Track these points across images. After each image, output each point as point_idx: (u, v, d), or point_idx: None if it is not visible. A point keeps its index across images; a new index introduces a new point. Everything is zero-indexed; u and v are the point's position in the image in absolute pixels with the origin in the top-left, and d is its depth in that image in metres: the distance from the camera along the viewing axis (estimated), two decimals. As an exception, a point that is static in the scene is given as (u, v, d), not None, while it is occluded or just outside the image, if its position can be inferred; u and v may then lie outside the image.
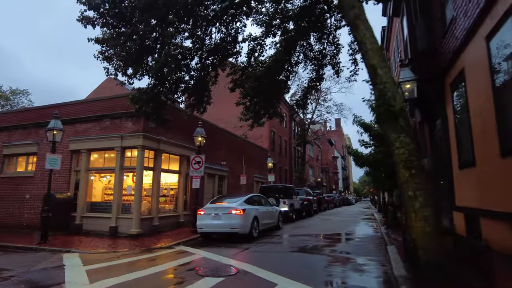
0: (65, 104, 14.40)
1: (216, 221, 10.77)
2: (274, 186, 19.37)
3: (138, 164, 12.23)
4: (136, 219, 11.77)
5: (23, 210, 14.19)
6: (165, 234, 12.46)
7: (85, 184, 13.17)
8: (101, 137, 12.93)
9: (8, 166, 15.46)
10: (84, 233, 12.49)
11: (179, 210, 14.70)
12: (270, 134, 29.59)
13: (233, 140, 21.50)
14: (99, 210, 12.97)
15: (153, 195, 13.08)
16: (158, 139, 13.10)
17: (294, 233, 13.05)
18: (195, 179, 13.08)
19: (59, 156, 11.16)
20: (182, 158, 15.15)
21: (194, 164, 13.20)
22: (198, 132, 13.56)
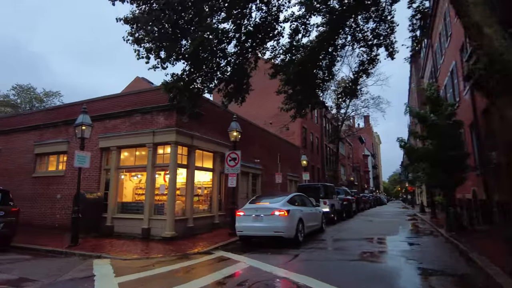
0: (93, 100, 13.81)
1: (258, 224, 9.65)
2: (313, 185, 18.03)
3: (171, 161, 11.33)
4: (170, 221, 10.87)
5: (55, 210, 13.72)
6: (200, 237, 11.49)
7: (116, 184, 12.45)
8: (131, 133, 12.16)
9: (40, 165, 15.11)
10: (116, 235, 11.76)
11: (213, 211, 13.72)
12: (302, 131, 28.21)
13: (266, 137, 20.35)
14: (131, 211, 12.20)
15: (187, 194, 12.16)
16: (191, 135, 12.16)
17: (341, 237, 11.70)
18: (231, 177, 12.04)
19: (88, 153, 10.44)
20: (216, 155, 14.17)
21: (229, 161, 12.17)
22: (233, 126, 12.51)
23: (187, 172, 12.35)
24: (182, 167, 12.08)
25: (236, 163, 12.05)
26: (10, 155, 15.89)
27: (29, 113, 15.97)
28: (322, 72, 10.86)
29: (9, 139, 16.20)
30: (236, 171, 12.04)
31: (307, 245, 9.85)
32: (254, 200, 10.85)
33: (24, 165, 15.28)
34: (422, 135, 12.51)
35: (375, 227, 15.20)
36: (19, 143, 15.76)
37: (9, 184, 15.30)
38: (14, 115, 16.70)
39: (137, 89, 12.67)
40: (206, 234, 12.23)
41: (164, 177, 13.59)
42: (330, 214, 15.91)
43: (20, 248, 9.72)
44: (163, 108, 11.74)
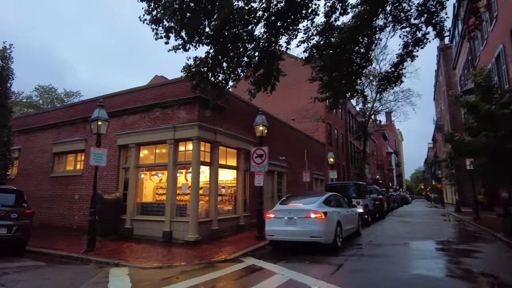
0: (111, 95, 13.09)
1: (291, 227, 8.58)
2: (345, 184, 16.79)
3: (194, 159, 10.42)
4: (193, 223, 9.95)
5: (73, 211, 13.11)
6: (225, 241, 10.53)
7: (135, 183, 11.67)
8: (151, 129, 11.33)
9: (58, 165, 14.58)
10: (135, 238, 10.96)
11: (238, 212, 12.75)
12: (327, 127, 26.89)
13: (291, 133, 19.23)
14: (151, 212, 11.38)
15: (211, 194, 11.23)
16: (214, 130, 11.22)
17: (382, 242, 10.47)
18: (258, 175, 11.02)
19: (105, 150, 9.66)
20: (240, 152, 13.19)
21: (255, 157, 11.15)
22: (258, 120, 11.48)
23: (210, 170, 11.42)
24: (205, 165, 11.16)
25: (263, 160, 11.02)
26: (30, 154, 15.47)
27: (47, 111, 15.53)
28: (359, 58, 9.67)
29: (29, 138, 15.79)
30: (263, 169, 11.01)
31: (346, 251, 8.72)
32: (285, 201, 9.77)
33: (42, 164, 14.80)
34: (473, 126, 11.06)
35: (415, 230, 13.83)
36: (38, 142, 15.32)
37: (28, 184, 14.89)
38: (33, 113, 16.32)
39: (157, 82, 11.85)
40: (231, 237, 11.27)
41: (186, 176, 12.73)
42: (364, 215, 14.64)
43: (35, 253, 9.04)
44: (184, 102, 10.85)
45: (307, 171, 16.58)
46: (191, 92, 10.72)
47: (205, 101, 10.82)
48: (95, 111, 9.65)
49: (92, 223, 9.02)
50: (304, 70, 28.79)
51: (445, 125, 43.13)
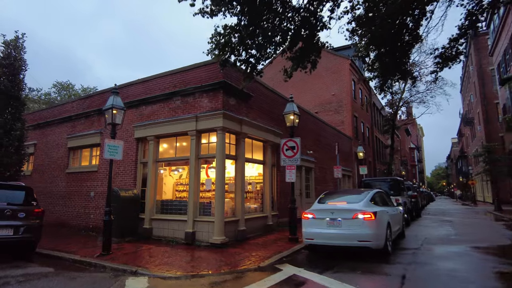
0: (126, 85, 12.12)
1: (334, 230, 7.35)
2: (381, 180, 15.36)
3: (218, 151, 9.31)
4: (219, 223, 8.86)
5: (89, 210, 12.27)
6: (254, 243, 9.40)
7: (154, 179, 10.67)
8: (171, 120, 10.29)
9: (73, 160, 13.79)
10: (155, 239, 9.98)
11: (266, 210, 11.58)
12: (353, 120, 25.35)
13: (318, 125, 17.88)
14: (171, 210, 10.36)
15: (237, 190, 10.10)
16: (240, 120, 10.08)
17: (436, 247, 9.09)
18: (290, 170, 9.82)
19: (121, 142, 8.66)
20: (266, 145, 12.01)
21: (286, 150, 9.95)
22: (289, 108, 10.25)
23: (236, 164, 10.29)
24: (229, 158, 10.04)
25: (295, 153, 9.81)
26: (45, 149, 14.78)
27: (62, 104, 14.81)
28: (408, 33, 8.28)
29: (44, 132, 15.11)
30: (295, 163, 9.80)
31: (399, 257, 7.44)
32: (324, 199, 8.52)
33: (57, 160, 14.05)
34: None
35: (462, 231, 12.32)
36: (53, 136, 14.59)
37: (44, 180, 14.22)
38: (48, 107, 15.65)
39: (177, 68, 10.80)
40: (260, 238, 10.13)
41: (207, 171, 11.67)
42: (404, 214, 13.20)
43: (45, 255, 8.16)
44: (207, 89, 9.75)
45: (339, 166, 15.25)
46: (214, 77, 9.64)
47: (229, 88, 9.69)
48: (109, 98, 8.67)
49: (107, 224, 8.05)
50: (325, 60, 27.36)
51: (475, 118, 40.68)
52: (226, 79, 9.55)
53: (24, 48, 12.76)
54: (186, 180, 13.78)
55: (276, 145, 12.56)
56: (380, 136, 36.09)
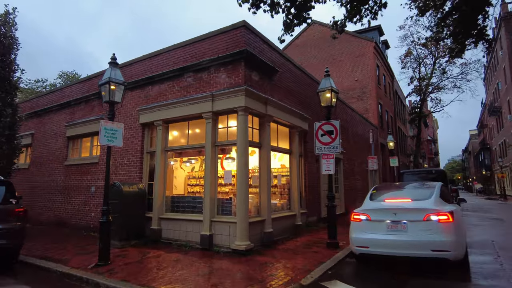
0: (129, 63, 10.46)
1: (398, 236, 5.58)
2: (425, 172, 13.46)
3: (239, 137, 7.59)
4: (243, 225, 7.18)
5: (90, 207, 10.74)
6: (284, 248, 7.71)
7: (163, 171, 9.03)
8: (182, 100, 8.60)
9: (72, 151, 12.26)
10: (164, 243, 8.37)
11: (294, 208, 9.85)
12: (378, 107, 23.34)
13: (345, 112, 15.99)
14: (184, 208, 8.71)
15: (262, 185, 8.38)
16: (265, 99, 8.33)
17: None
18: (326, 160, 8.05)
19: (120, 125, 7.00)
20: (293, 131, 10.24)
21: (321, 136, 8.18)
22: (325, 84, 8.44)
23: (260, 153, 8.56)
24: (252, 146, 8.30)
25: (333, 138, 8.02)
26: (43, 139, 13.31)
27: (60, 88, 13.31)
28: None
29: (42, 121, 13.63)
30: (333, 151, 8.01)
31: (480, 270, 5.63)
32: (377, 195, 6.75)
33: (56, 151, 12.55)
34: None
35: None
36: (51, 125, 13.10)
37: (42, 174, 12.79)
38: (46, 92, 14.15)
39: (187, 40, 9.08)
40: (290, 242, 8.42)
41: (222, 163, 10.04)
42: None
43: (29, 265, 6.61)
44: (224, 61, 8.01)
45: (374, 157, 13.38)
46: (233, 47, 7.88)
47: (252, 59, 7.94)
48: (106, 71, 7.02)
49: (105, 227, 6.43)
50: (347, 44, 25.32)
51: (504, 107, 38.08)
52: (249, 48, 7.78)
53: (15, 25, 11.18)
54: (199, 173, 12.15)
55: (304, 132, 10.81)
56: (402, 127, 33.94)
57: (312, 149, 11.55)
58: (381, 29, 27.10)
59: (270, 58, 8.94)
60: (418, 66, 24.41)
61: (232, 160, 10.70)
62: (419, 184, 7.41)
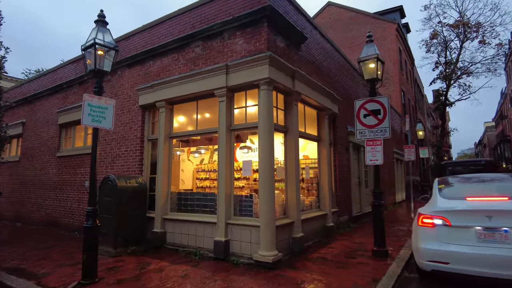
0: (127, 36, 8.87)
1: (496, 249, 3.92)
2: (472, 163, 11.69)
3: (262, 118, 5.96)
4: (269, 229, 5.58)
5: (84, 204, 9.26)
6: (319, 257, 6.11)
7: (167, 162, 7.46)
8: (188, 75, 6.99)
9: (65, 141, 10.78)
10: (170, 249, 6.84)
11: (324, 206, 8.24)
12: (401, 94, 21.47)
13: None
14: (193, 207, 7.15)
15: (289, 178, 6.76)
16: (292, 71, 6.68)
17: None
18: (372, 147, 6.41)
19: (110, 102, 5.41)
20: (322, 114, 8.59)
21: (364, 117, 6.54)
22: (369, 51, 6.75)
23: (286, 139, 6.91)
24: (277, 131, 6.64)
25: (380, 120, 6.37)
26: (34, 129, 11.88)
27: (52, 70, 11.80)
28: None
29: (33, 108, 12.18)
30: (381, 135, 6.35)
31: None
32: (450, 191, 5.08)
33: (48, 141, 11.10)
34: None
35: None
36: (42, 112, 11.64)
37: (34, 167, 11.41)
38: (38, 75, 12.68)
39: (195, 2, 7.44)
40: (324, 249, 6.82)
41: (235, 153, 8.44)
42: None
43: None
44: (242, 22, 6.35)
45: (411, 146, 11.64)
46: (251, 5, 6.22)
47: (277, 20, 6.28)
48: (92, 31, 5.41)
49: (90, 233, 4.89)
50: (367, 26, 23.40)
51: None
52: (273, 5, 6.12)
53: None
54: (209, 165, 10.60)
55: (333, 116, 9.16)
56: (421, 117, 31.96)
57: (343, 137, 9.89)
58: (403, 10, 25.06)
59: (296, 23, 7.25)
60: (444, 50, 22.39)
61: (248, 149, 9.12)
62: (498, 177, 5.70)
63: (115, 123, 8.64)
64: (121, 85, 8.74)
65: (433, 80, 24.02)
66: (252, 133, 9.49)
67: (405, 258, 5.99)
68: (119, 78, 8.84)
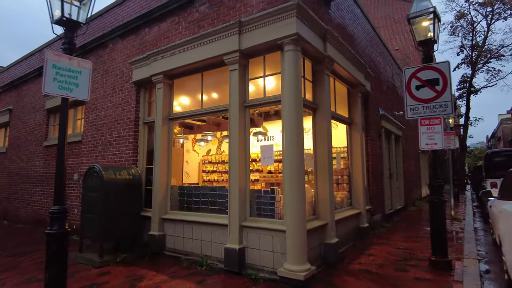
0: (120, 1, 7.43)
1: None
2: None
3: (288, 89, 4.51)
4: (298, 235, 4.18)
5: (72, 200, 7.97)
6: (361, 269, 4.69)
7: (166, 149, 6.07)
8: (192, 39, 5.56)
9: (54, 128, 9.49)
10: (169, 257, 5.48)
11: (357, 203, 6.79)
12: (424, 81, 19.73)
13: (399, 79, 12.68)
14: (197, 204, 5.76)
15: (319, 169, 5.32)
16: (324, 30, 5.21)
17: None
18: (428, 126, 4.96)
19: (86, 64, 4.00)
20: (354, 92, 7.11)
21: (417, 89, 5.10)
22: (421, 6, 5.22)
23: (316, 120, 5.45)
24: (307, 108, 5.17)
25: (439, 92, 4.91)
26: (21, 116, 10.60)
27: (40, 49, 10.46)
28: None
29: (20, 93, 10.91)
30: (441, 111, 4.89)
31: None
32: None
33: (35, 129, 9.81)
34: None
35: None
36: (30, 97, 10.37)
37: (20, 158, 10.15)
38: (25, 56, 11.35)
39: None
40: (363, 258, 5.39)
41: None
42: None
43: None
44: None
45: (451, 132, 10.10)
46: None
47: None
48: (59, -32, 3.98)
49: (56, 242, 3.53)
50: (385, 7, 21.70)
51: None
52: None
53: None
54: (217, 156, 9.24)
55: (366, 94, 7.67)
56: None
57: (375, 121, 8.40)
58: (424, -9, 23.15)
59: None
60: (472, 31, 20.57)
61: (263, 136, 7.70)
62: None
63: (106, 105, 7.30)
64: (112, 59, 7.37)
65: (457, 66, 22.21)
66: (266, 117, 8.10)
67: (476, 272, 4.55)
68: (111, 51, 7.46)
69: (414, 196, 13.23)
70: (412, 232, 7.53)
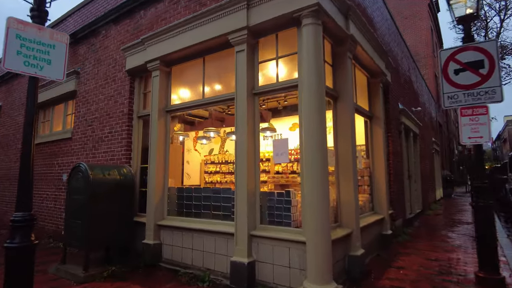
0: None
1: None
2: None
3: (307, 71, 3.76)
4: (321, 248, 3.41)
5: (61, 203, 7.22)
6: (392, 285, 3.89)
7: (163, 144, 5.32)
8: (192, 18, 4.80)
9: (43, 125, 8.77)
10: (166, 270, 4.72)
11: (380, 208, 6.01)
12: (435, 79, 19.00)
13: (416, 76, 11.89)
14: (199, 209, 4.98)
15: (341, 169, 4.54)
16: (346, 5, 4.44)
17: None
18: (472, 117, 4.20)
19: (62, 38, 3.26)
20: (375, 82, 6.34)
21: (455, 73, 4.34)
22: (462, -25, 4.45)
23: (337, 110, 4.68)
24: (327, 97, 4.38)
25: (485, 76, 4.13)
26: (10, 112, 9.89)
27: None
28: None
29: (9, 88, 10.21)
30: (488, 99, 4.11)
31: None
32: None
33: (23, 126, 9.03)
34: None
35: None
36: (19, 92, 9.68)
37: (9, 158, 9.44)
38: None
39: None
40: (393, 273, 4.60)
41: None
42: None
43: None
44: None
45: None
46: None
47: None
48: None
49: (19, 258, 2.77)
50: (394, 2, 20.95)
51: None
52: None
53: None
54: (219, 156, 8.50)
55: (386, 86, 6.90)
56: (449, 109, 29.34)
57: (395, 116, 7.61)
58: (433, -14, 22.46)
59: None
60: (485, 27, 19.79)
61: (272, 132, 6.94)
62: None
63: (97, 97, 6.56)
64: (105, 47, 6.64)
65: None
66: (273, 114, 7.35)
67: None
68: (104, 39, 6.74)
69: (430, 199, 12.43)
70: (438, 239, 6.74)
